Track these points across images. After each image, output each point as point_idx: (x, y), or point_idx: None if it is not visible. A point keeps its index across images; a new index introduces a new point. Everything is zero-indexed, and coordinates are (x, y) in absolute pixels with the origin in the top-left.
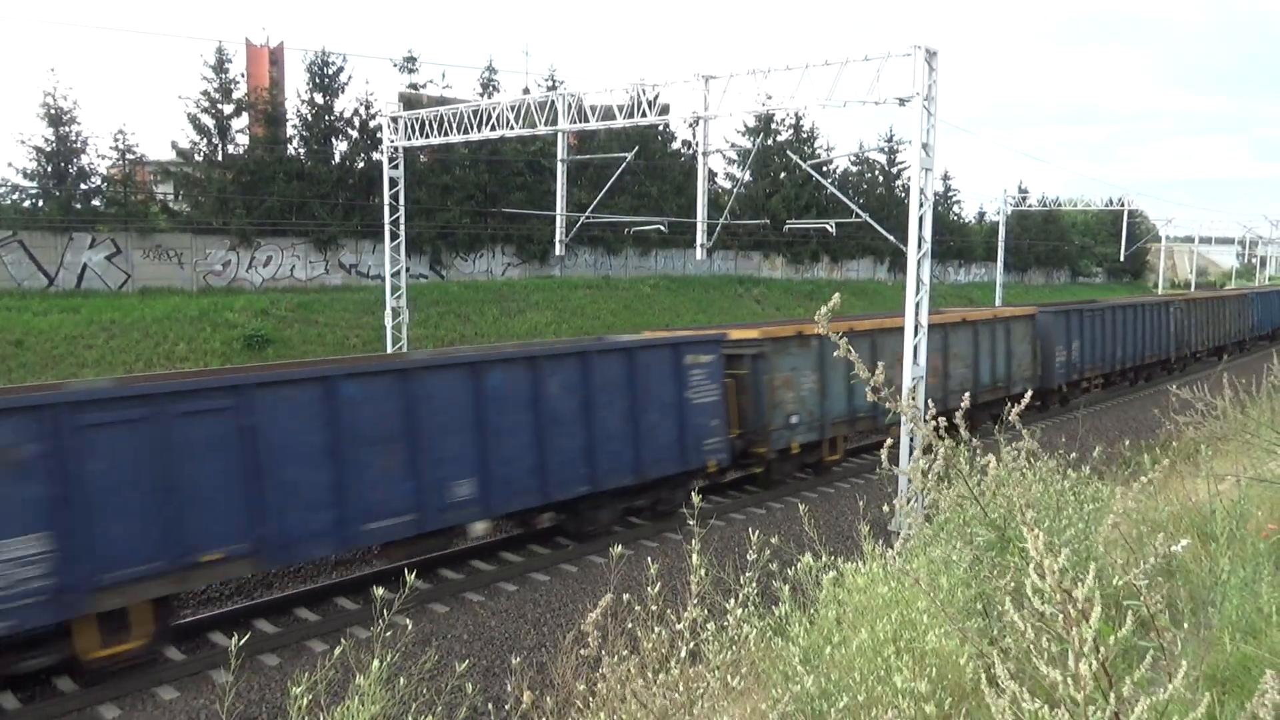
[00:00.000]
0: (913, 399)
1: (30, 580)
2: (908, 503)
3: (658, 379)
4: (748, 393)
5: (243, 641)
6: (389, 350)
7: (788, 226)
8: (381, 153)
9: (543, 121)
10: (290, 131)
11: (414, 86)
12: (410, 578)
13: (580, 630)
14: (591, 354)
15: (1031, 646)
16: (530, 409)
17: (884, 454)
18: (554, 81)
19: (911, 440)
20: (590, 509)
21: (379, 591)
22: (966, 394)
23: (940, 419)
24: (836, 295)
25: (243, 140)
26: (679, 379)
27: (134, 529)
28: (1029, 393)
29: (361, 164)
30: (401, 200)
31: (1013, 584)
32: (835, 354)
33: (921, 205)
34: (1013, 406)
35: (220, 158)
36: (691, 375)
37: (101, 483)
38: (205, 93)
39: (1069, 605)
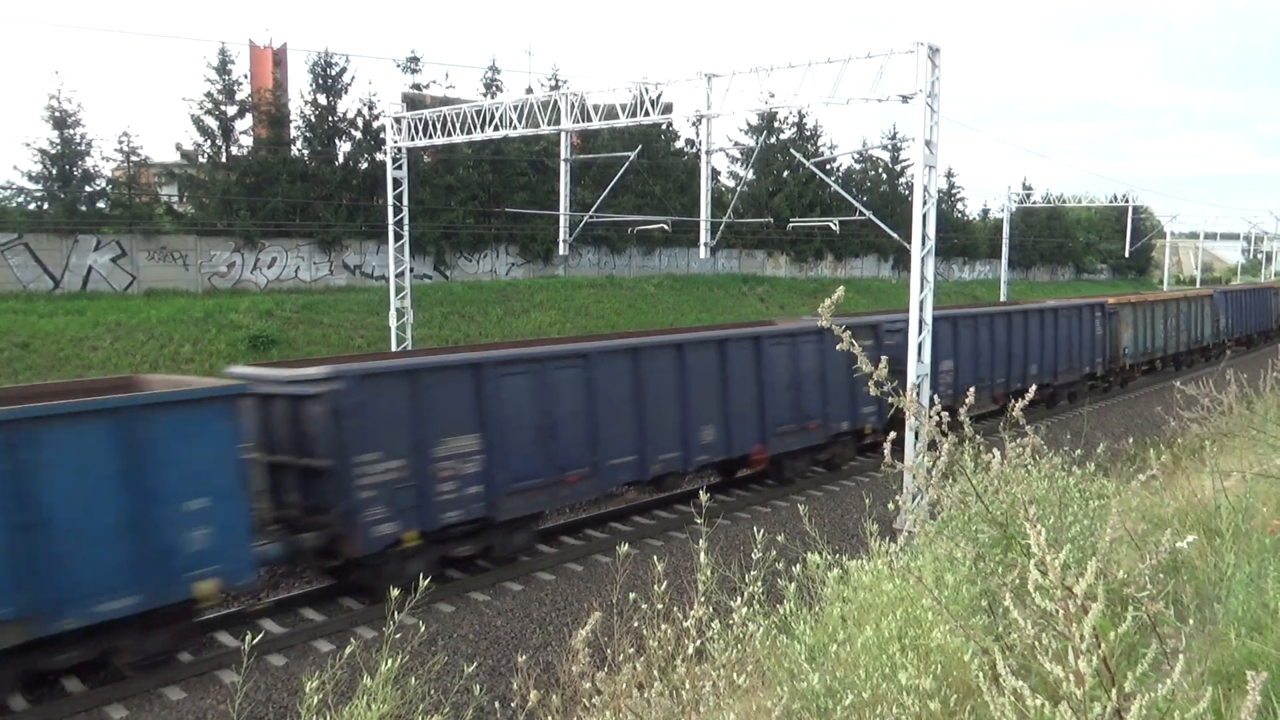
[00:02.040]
0: (916, 395)
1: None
2: (912, 499)
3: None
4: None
5: (256, 641)
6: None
7: (791, 225)
8: (385, 153)
9: (546, 121)
10: (294, 132)
11: (417, 87)
12: (423, 582)
13: (571, 647)
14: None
15: (1035, 643)
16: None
17: (887, 449)
18: (557, 81)
19: (916, 436)
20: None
21: (393, 593)
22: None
23: (944, 414)
24: (840, 289)
25: (246, 141)
26: (850, 354)
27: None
28: (1032, 392)
29: (365, 165)
30: (405, 201)
31: (1016, 581)
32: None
33: (925, 202)
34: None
35: (224, 159)
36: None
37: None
38: (209, 94)
39: (1069, 601)
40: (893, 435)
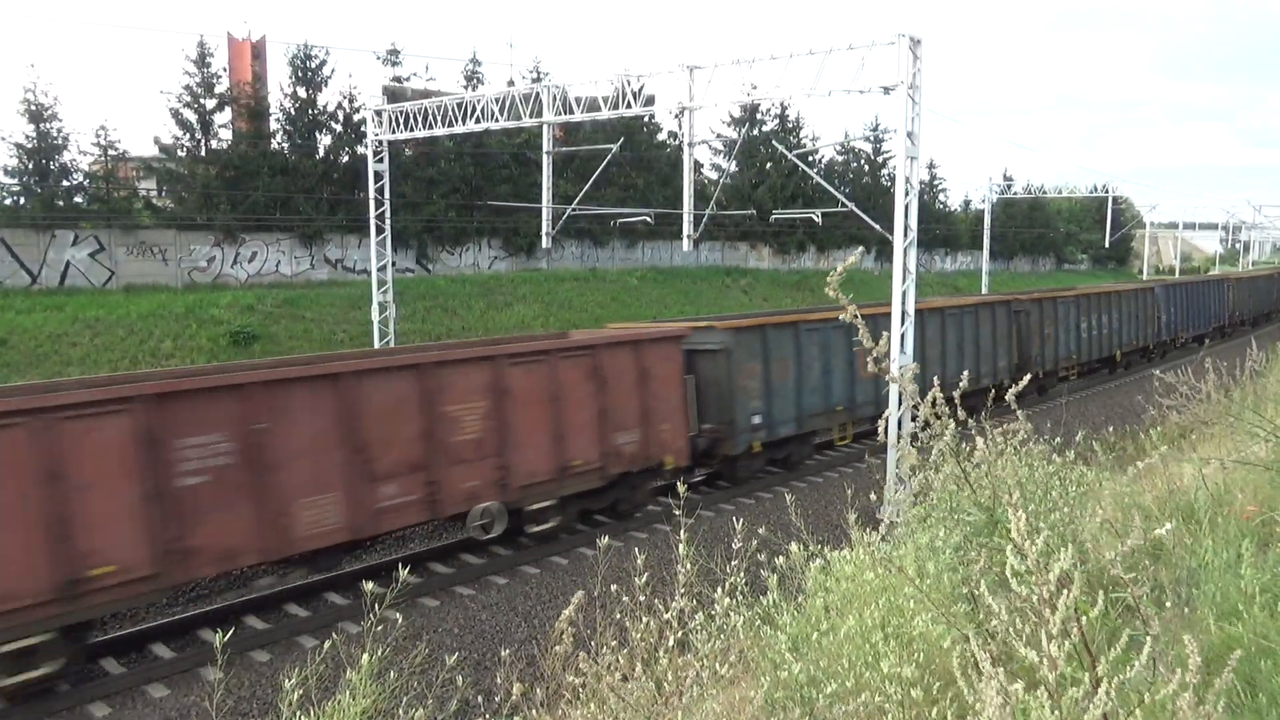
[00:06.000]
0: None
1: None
2: (896, 484)
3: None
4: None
5: (228, 638)
6: (376, 346)
7: (774, 217)
8: (366, 146)
9: (527, 114)
10: (274, 126)
11: (398, 79)
12: (403, 573)
13: (555, 635)
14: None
15: (1010, 629)
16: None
17: (881, 428)
18: (538, 73)
19: (900, 423)
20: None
21: (369, 586)
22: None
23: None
24: (848, 264)
25: (226, 135)
26: (1008, 323)
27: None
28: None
29: (346, 158)
30: (387, 194)
31: (994, 567)
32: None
33: (907, 194)
34: (998, 391)
35: (204, 153)
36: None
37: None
38: (187, 87)
39: (1044, 586)
40: (886, 414)
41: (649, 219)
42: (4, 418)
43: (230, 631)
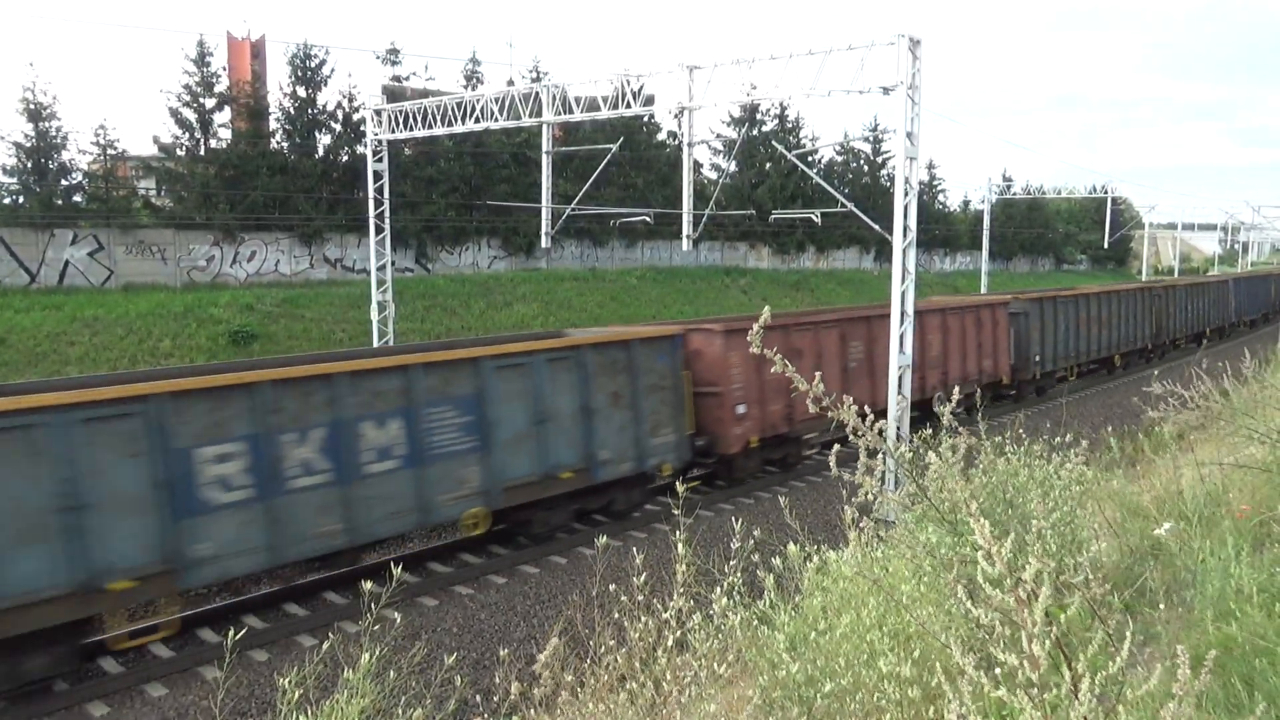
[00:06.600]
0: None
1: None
2: (893, 488)
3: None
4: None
5: (237, 637)
6: (375, 345)
7: (773, 217)
8: (365, 146)
9: (527, 113)
10: (273, 125)
11: (397, 79)
12: (397, 571)
13: (535, 670)
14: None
15: (986, 634)
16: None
17: (832, 459)
18: (538, 73)
19: (898, 428)
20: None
21: (367, 585)
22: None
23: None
24: (766, 309)
25: (225, 134)
26: (1150, 304)
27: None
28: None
29: (345, 157)
30: (386, 194)
31: (966, 575)
32: None
33: (906, 194)
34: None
35: (203, 152)
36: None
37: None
38: (187, 86)
39: (1019, 588)
40: (836, 448)
41: (648, 219)
42: (769, 329)
43: (241, 633)
